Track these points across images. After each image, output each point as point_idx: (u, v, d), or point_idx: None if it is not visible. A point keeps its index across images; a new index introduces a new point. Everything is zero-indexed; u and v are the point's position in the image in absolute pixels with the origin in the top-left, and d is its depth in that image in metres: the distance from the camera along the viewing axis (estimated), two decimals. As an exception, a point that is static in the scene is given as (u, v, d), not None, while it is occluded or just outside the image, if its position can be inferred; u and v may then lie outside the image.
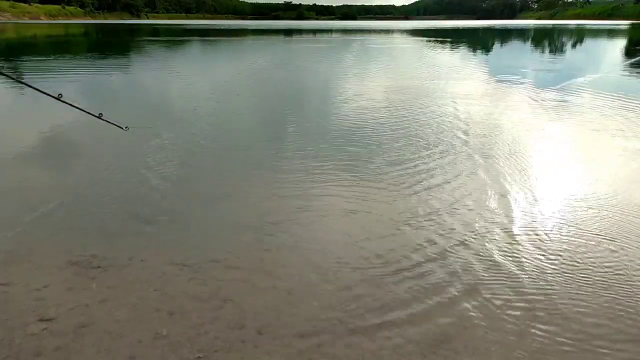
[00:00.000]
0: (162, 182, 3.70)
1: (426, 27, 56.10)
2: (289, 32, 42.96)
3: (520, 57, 16.72)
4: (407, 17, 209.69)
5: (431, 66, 12.81)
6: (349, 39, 29.33)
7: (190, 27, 53.63)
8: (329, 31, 45.10)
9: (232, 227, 2.96)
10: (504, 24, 74.49)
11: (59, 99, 2.35)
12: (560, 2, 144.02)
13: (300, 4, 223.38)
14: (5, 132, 5.59)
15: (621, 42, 24.34)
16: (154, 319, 2.06)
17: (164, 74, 11.08)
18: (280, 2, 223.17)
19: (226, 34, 36.08)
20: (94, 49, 20.75)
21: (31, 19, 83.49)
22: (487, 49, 21.04)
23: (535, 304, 2.17)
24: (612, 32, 36.99)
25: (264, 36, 33.63)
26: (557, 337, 1.96)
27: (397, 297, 2.22)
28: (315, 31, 44.74)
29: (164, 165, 4.12)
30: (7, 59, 14.33)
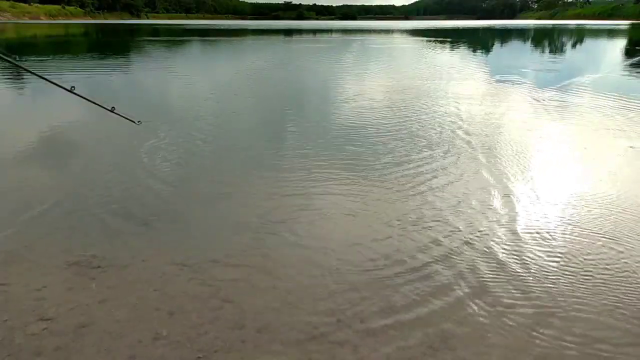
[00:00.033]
0: (162, 182, 3.70)
1: (426, 27, 56.10)
2: (289, 32, 42.96)
3: (520, 57, 16.71)
4: (407, 17, 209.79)
5: (431, 66, 12.81)
6: (349, 39, 29.33)
7: (190, 27, 53.63)
8: (329, 31, 45.10)
9: (232, 227, 2.96)
10: (504, 24, 74.50)
11: (71, 92, 2.36)
12: (560, 2, 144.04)
13: (300, 4, 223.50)
14: (4, 131, 5.58)
15: (621, 42, 24.34)
16: (154, 319, 2.06)
17: (164, 74, 11.08)
18: (280, 2, 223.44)
19: (226, 34, 36.08)
20: (94, 49, 20.74)
21: (31, 19, 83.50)
22: (487, 49, 21.04)
23: (538, 305, 2.17)
24: (612, 32, 36.99)
25: (264, 36, 33.63)
26: (560, 341, 1.96)
27: (397, 297, 2.22)
28: (315, 31, 44.74)
29: (164, 165, 4.12)
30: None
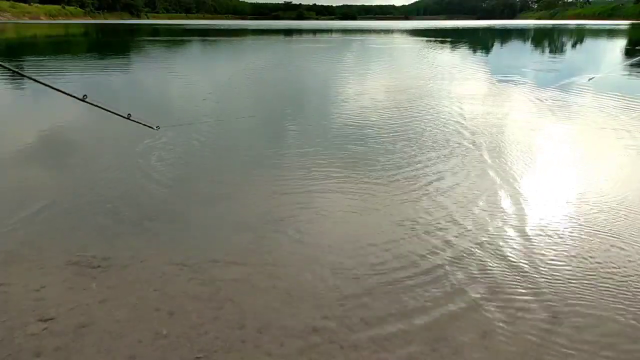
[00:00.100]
0: (162, 182, 3.70)
1: (426, 27, 56.10)
2: (289, 32, 42.96)
3: (520, 57, 16.71)
4: (407, 17, 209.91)
5: (432, 66, 12.80)
6: (349, 39, 29.32)
7: (190, 27, 53.63)
8: (329, 31, 45.10)
9: (232, 226, 2.95)
10: (503, 24, 74.49)
11: (84, 100, 2.37)
12: (560, 2, 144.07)
13: (300, 4, 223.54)
14: (5, 131, 5.58)
15: (621, 42, 24.34)
16: (154, 319, 2.06)
17: (163, 74, 11.08)
18: (280, 2, 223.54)
19: (226, 34, 36.08)
20: (93, 49, 20.74)
21: (31, 19, 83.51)
22: (487, 49, 21.04)
23: (547, 307, 2.17)
24: (612, 32, 36.98)
25: (264, 36, 33.63)
26: (570, 344, 1.96)
27: (399, 297, 2.22)
28: (315, 31, 44.74)
29: (164, 164, 4.11)
30: (9, 60, 14.32)
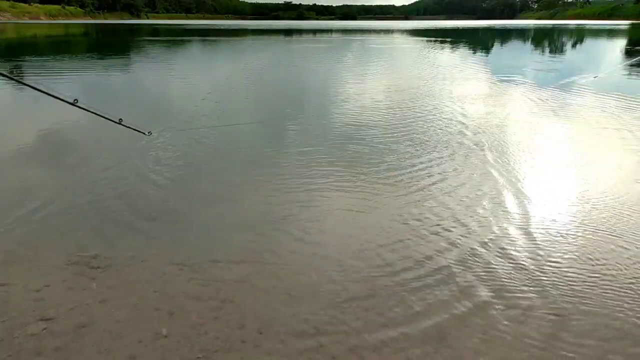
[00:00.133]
0: (162, 182, 3.70)
1: (426, 27, 56.10)
2: (289, 32, 42.95)
3: (521, 57, 16.70)
4: (407, 17, 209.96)
5: (433, 66, 12.80)
6: (349, 39, 29.31)
7: (190, 27, 53.63)
8: (329, 31, 45.09)
9: (233, 226, 2.95)
10: (503, 24, 74.48)
11: (74, 104, 2.36)
12: (560, 2, 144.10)
13: (300, 4, 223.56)
14: (5, 132, 5.58)
15: (621, 42, 24.34)
16: (154, 319, 2.06)
17: (163, 74, 11.07)
18: (280, 2, 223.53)
19: (226, 34, 36.07)
20: (93, 49, 20.74)
21: (31, 19, 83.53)
22: (487, 49, 21.04)
23: (546, 307, 2.17)
24: (612, 32, 36.98)
25: (264, 36, 33.62)
26: (566, 343, 1.96)
27: (399, 297, 2.22)
28: (315, 31, 44.73)
29: (164, 164, 4.12)
30: (8, 60, 14.32)
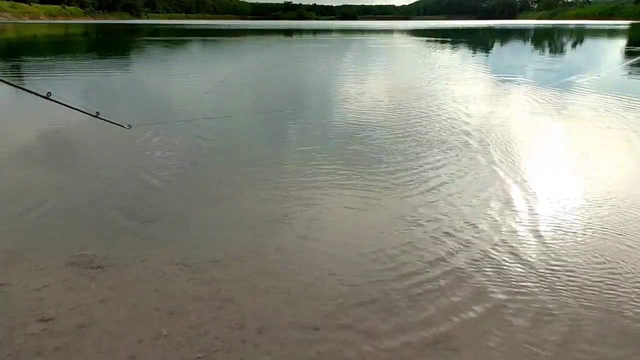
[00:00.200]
0: (162, 182, 3.70)
1: (426, 27, 56.10)
2: (289, 32, 42.96)
3: (521, 57, 16.71)
4: (407, 17, 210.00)
5: (433, 66, 12.80)
6: (349, 39, 29.33)
7: (190, 27, 53.63)
8: (329, 31, 45.10)
9: (232, 227, 2.95)
10: (503, 24, 74.48)
11: (47, 98, 2.29)
12: (560, 2, 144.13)
13: (300, 4, 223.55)
14: (4, 132, 5.58)
15: (621, 42, 24.34)
16: (154, 319, 2.06)
17: (163, 74, 11.07)
18: (280, 2, 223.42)
19: (226, 34, 36.08)
20: (93, 49, 20.74)
21: (31, 19, 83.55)
22: (488, 49, 21.04)
23: (548, 306, 2.17)
24: (612, 32, 36.98)
25: (263, 36, 33.63)
26: (567, 344, 1.96)
27: (400, 298, 2.22)
28: (315, 31, 44.74)
29: (164, 164, 4.12)
30: (8, 60, 14.32)
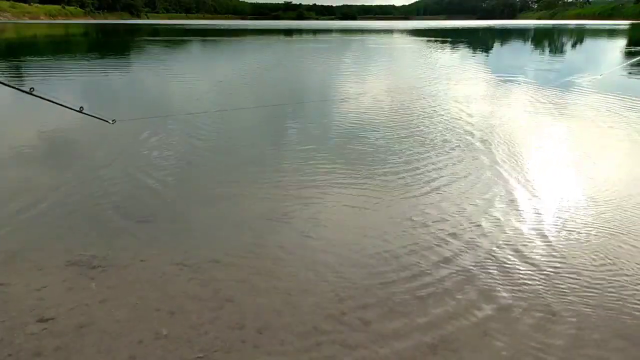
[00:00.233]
0: (162, 182, 3.70)
1: (426, 27, 56.09)
2: (288, 32, 42.96)
3: (522, 57, 16.71)
4: (407, 17, 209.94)
5: (434, 66, 12.80)
6: (349, 39, 29.33)
7: (190, 27, 53.62)
8: (329, 31, 45.09)
9: (233, 226, 2.95)
10: (503, 24, 74.47)
11: (30, 93, 2.25)
12: (560, 2, 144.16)
13: (300, 4, 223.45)
14: (6, 132, 5.58)
15: (621, 42, 24.34)
16: (154, 319, 2.06)
17: (163, 74, 11.06)
18: (280, 2, 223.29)
19: (226, 34, 36.08)
20: (93, 49, 20.74)
21: (31, 19, 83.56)
22: (487, 49, 21.04)
23: (549, 306, 2.17)
24: (612, 32, 36.97)
25: (263, 36, 33.62)
26: (568, 343, 1.96)
27: (400, 298, 2.22)
28: (315, 31, 44.73)
29: (164, 164, 4.12)
30: (8, 60, 14.33)
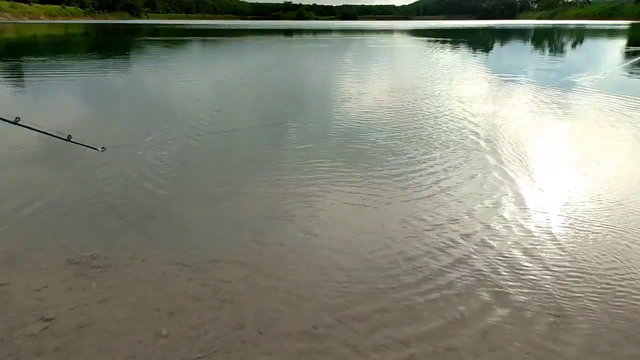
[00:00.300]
0: (162, 182, 3.70)
1: (426, 27, 56.09)
2: (288, 32, 42.95)
3: (521, 57, 16.70)
4: (407, 17, 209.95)
5: (434, 66, 12.79)
6: (349, 39, 29.32)
7: (190, 27, 53.62)
8: (329, 31, 45.09)
9: (232, 226, 2.95)
10: (503, 24, 74.47)
11: (16, 123, 2.14)
12: (560, 2, 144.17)
13: (300, 4, 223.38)
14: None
15: (621, 42, 24.34)
16: (154, 319, 2.06)
17: (163, 74, 11.05)
18: (280, 2, 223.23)
19: (226, 34, 36.08)
20: (93, 49, 20.74)
21: (31, 19, 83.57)
22: (488, 49, 21.04)
23: (550, 306, 2.17)
24: (612, 32, 36.97)
25: (263, 36, 33.62)
26: (568, 344, 1.96)
27: (400, 298, 2.22)
28: (315, 31, 44.73)
29: (163, 164, 4.11)
30: (7, 60, 14.33)
